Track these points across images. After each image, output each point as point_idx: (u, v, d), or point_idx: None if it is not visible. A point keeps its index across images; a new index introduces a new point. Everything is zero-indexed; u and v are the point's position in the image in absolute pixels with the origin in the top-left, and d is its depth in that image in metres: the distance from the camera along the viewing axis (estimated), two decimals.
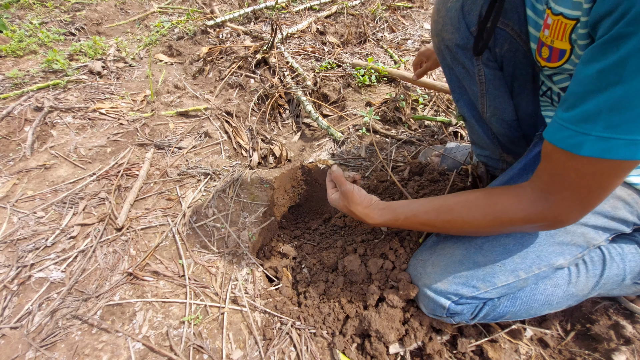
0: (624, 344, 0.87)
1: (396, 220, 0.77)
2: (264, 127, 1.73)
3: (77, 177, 1.28)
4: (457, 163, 1.27)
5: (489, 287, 0.74)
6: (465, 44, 0.80)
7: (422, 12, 2.64)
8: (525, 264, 0.73)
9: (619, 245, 0.81)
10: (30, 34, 2.09)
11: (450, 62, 0.87)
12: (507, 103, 0.87)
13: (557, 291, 0.78)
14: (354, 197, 0.81)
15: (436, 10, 0.84)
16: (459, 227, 0.71)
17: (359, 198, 0.81)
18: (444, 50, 0.86)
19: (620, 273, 0.79)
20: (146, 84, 1.81)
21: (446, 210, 0.71)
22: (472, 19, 0.76)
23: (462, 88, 0.93)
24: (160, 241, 1.09)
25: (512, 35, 0.75)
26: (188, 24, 2.24)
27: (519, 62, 0.79)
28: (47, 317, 0.91)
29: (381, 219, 0.79)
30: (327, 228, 1.27)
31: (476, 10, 0.75)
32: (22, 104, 1.57)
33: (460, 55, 0.83)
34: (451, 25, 0.79)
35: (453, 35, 0.80)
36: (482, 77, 0.83)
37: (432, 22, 0.86)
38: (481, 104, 0.90)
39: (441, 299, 0.77)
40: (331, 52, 2.11)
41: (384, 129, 1.58)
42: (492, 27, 0.73)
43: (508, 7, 0.72)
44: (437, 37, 0.86)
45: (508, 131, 0.92)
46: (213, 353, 0.86)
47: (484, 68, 0.82)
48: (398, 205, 0.79)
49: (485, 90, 0.86)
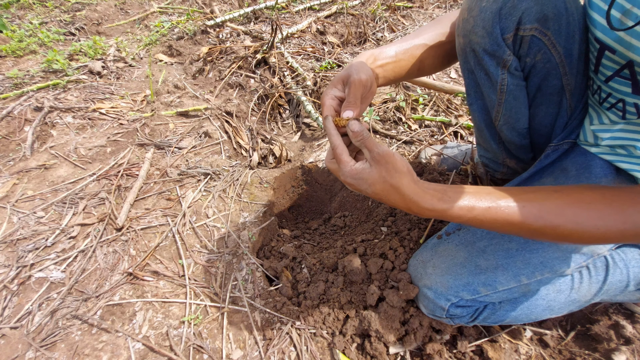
0: (624, 344, 0.87)
1: (470, 209, 0.57)
2: (264, 127, 1.73)
3: (77, 177, 1.28)
4: (457, 163, 1.27)
5: (490, 290, 0.74)
6: (494, 50, 0.73)
7: (422, 12, 2.64)
8: (527, 270, 0.72)
9: (622, 251, 0.80)
10: (30, 34, 2.09)
11: (472, 66, 0.80)
12: (522, 113, 0.82)
13: (559, 297, 0.77)
14: (398, 163, 0.56)
15: (467, 7, 0.74)
16: (566, 235, 0.56)
17: (404, 164, 0.57)
18: (469, 54, 0.78)
19: (623, 279, 0.77)
20: (146, 84, 1.81)
21: (554, 211, 0.55)
22: (509, 25, 0.68)
23: (478, 93, 0.88)
24: (160, 241, 1.09)
25: (548, 46, 0.69)
26: (188, 24, 2.24)
27: (548, 74, 0.74)
28: (47, 317, 0.91)
29: (441, 204, 0.58)
30: (327, 228, 1.27)
31: (516, 15, 0.67)
32: (22, 104, 1.57)
33: (486, 61, 0.76)
34: (483, 29, 0.71)
35: (483, 39, 0.72)
36: (503, 87, 0.78)
37: (460, 20, 0.76)
38: (496, 112, 0.85)
39: (441, 301, 0.77)
40: (331, 52, 2.11)
41: (384, 129, 1.58)
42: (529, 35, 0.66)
43: (550, 14, 0.65)
44: (463, 38, 0.77)
45: (517, 139, 0.89)
46: (213, 353, 0.86)
47: (508, 77, 0.76)
48: (467, 190, 0.60)
49: (503, 100, 0.81)
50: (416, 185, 0.58)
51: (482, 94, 0.86)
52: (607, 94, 0.69)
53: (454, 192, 0.60)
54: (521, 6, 0.67)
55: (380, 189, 0.58)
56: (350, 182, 0.60)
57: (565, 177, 0.79)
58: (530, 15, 0.67)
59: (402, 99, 1.67)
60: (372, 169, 0.58)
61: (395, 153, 0.58)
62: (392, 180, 0.56)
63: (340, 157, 0.60)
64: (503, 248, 0.75)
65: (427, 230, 0.99)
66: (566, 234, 0.55)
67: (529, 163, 0.98)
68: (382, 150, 0.57)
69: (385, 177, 0.56)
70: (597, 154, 0.78)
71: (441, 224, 1.02)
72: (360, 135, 0.59)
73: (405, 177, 0.57)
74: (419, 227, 1.02)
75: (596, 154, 0.78)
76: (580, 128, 0.82)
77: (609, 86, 0.66)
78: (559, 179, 0.80)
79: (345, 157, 0.60)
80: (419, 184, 0.59)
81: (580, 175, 0.76)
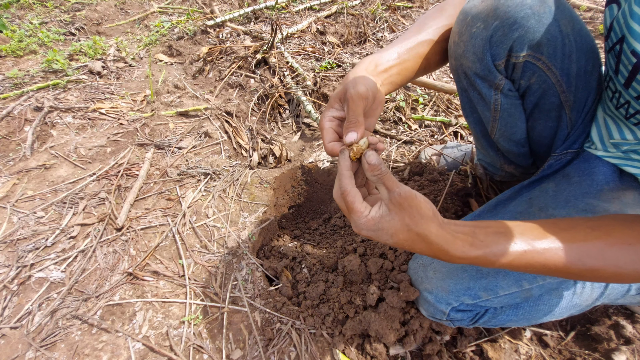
0: (624, 344, 0.87)
1: (504, 254, 0.52)
2: (264, 127, 1.73)
3: (77, 177, 1.29)
4: (456, 163, 1.27)
5: (491, 295, 0.73)
6: (485, 75, 0.72)
7: (422, 12, 2.64)
8: (529, 275, 0.71)
9: None
10: (30, 34, 2.09)
11: (465, 86, 0.80)
12: (518, 127, 0.81)
13: (561, 302, 0.77)
14: (423, 208, 0.49)
15: (457, 32, 0.72)
16: (605, 278, 0.53)
17: (429, 208, 0.50)
18: (461, 75, 0.78)
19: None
20: (146, 84, 1.81)
21: (595, 255, 0.51)
22: (500, 52, 0.68)
23: (473, 108, 0.87)
24: (160, 241, 1.09)
25: (542, 69, 0.68)
26: (188, 24, 2.24)
27: (544, 93, 0.73)
28: (47, 317, 0.91)
29: (474, 251, 0.52)
30: (327, 228, 1.27)
31: (507, 44, 0.66)
32: (22, 104, 1.57)
33: (478, 83, 0.75)
34: (473, 54, 0.70)
35: (474, 64, 0.72)
36: (497, 106, 0.77)
37: (452, 43, 0.75)
38: (491, 127, 0.85)
39: (442, 305, 0.76)
40: (331, 52, 2.11)
41: (384, 129, 1.58)
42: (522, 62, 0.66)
43: (544, 40, 0.65)
44: (455, 61, 0.76)
45: (515, 148, 0.89)
46: (213, 353, 0.86)
47: (502, 98, 0.75)
48: (498, 230, 0.54)
49: (498, 117, 0.80)
50: (444, 231, 0.51)
51: (476, 108, 0.86)
52: (636, 110, 0.63)
53: (484, 235, 0.53)
54: (512, 35, 0.65)
55: (404, 239, 0.50)
56: (367, 235, 0.52)
57: (567, 183, 0.78)
58: (522, 44, 0.66)
59: (402, 99, 1.67)
60: (392, 215, 0.49)
61: (418, 194, 0.50)
62: (418, 228, 0.49)
63: (353, 205, 0.51)
64: None
65: None
66: (605, 277, 0.52)
67: (529, 168, 0.97)
68: (403, 191, 0.49)
69: (410, 224, 0.49)
70: (605, 157, 0.76)
71: None
72: (377, 169, 0.50)
73: (432, 222, 0.50)
74: None
75: (603, 157, 0.76)
76: (583, 138, 0.81)
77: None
78: (561, 185, 0.79)
79: (358, 206, 0.51)
80: (446, 228, 0.51)
81: (583, 182, 0.75)
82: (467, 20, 0.70)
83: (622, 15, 0.59)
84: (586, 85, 0.73)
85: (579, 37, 0.67)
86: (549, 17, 0.64)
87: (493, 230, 0.54)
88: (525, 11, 0.64)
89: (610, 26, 0.64)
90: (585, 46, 0.69)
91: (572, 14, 0.67)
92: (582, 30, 0.68)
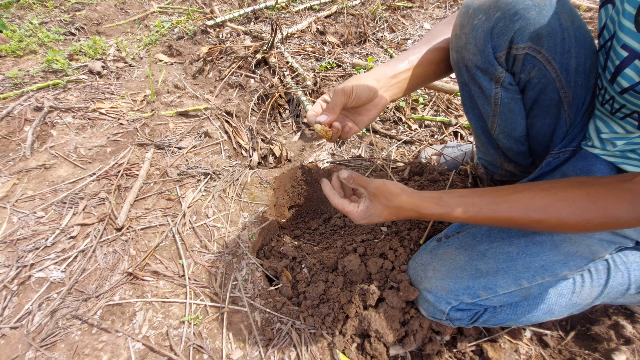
0: (624, 344, 0.87)
1: (464, 211, 0.64)
2: (264, 127, 1.73)
3: (77, 177, 1.28)
4: (456, 163, 1.27)
5: (491, 294, 0.73)
6: (486, 67, 0.73)
7: (422, 12, 2.64)
8: (528, 274, 0.72)
9: (624, 254, 0.79)
10: (30, 34, 2.09)
11: (466, 80, 0.81)
12: (518, 123, 0.82)
13: (561, 300, 0.77)
14: (391, 188, 0.67)
15: (459, 24, 0.73)
16: (550, 227, 0.63)
17: (396, 186, 0.67)
18: (462, 68, 0.79)
19: (624, 282, 0.77)
20: (146, 83, 1.81)
21: (539, 209, 0.61)
22: (501, 44, 0.69)
23: (473, 103, 0.88)
24: (160, 241, 1.09)
25: (543, 62, 0.69)
26: (188, 24, 2.24)
27: (544, 88, 0.74)
28: (47, 317, 0.91)
29: (439, 209, 0.65)
30: (327, 228, 1.27)
31: (508, 35, 0.67)
32: (22, 104, 1.57)
33: (479, 76, 0.76)
34: (474, 46, 0.71)
35: (475, 57, 0.73)
36: (497, 100, 0.78)
37: (453, 35, 0.76)
38: (491, 122, 0.85)
39: (441, 304, 0.76)
40: (331, 52, 2.11)
41: (384, 129, 1.58)
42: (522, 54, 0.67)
43: (544, 33, 0.66)
44: (456, 54, 0.77)
45: (514, 146, 0.89)
46: (213, 353, 0.86)
47: (502, 91, 0.76)
48: (461, 193, 0.67)
49: (498, 111, 0.81)
50: (413, 198, 0.66)
51: (476, 104, 0.86)
52: (620, 105, 0.69)
53: (449, 197, 0.66)
54: (514, 26, 0.66)
55: (389, 214, 0.68)
56: (364, 222, 0.71)
57: None
58: (523, 35, 0.66)
59: (402, 99, 1.67)
60: (373, 203, 0.69)
61: (385, 181, 0.68)
62: (394, 203, 0.67)
63: (345, 209, 0.71)
64: (503, 251, 0.74)
65: (427, 231, 0.99)
66: (550, 227, 0.62)
67: (528, 167, 0.97)
68: (374, 184, 0.68)
69: (387, 203, 0.67)
70: (602, 155, 0.77)
71: (441, 225, 1.02)
72: (351, 179, 0.71)
73: (401, 195, 0.67)
74: (418, 227, 1.02)
75: (600, 155, 0.77)
76: (581, 136, 0.81)
77: (624, 98, 0.65)
78: None
79: (349, 208, 0.71)
80: (415, 195, 0.67)
81: None
82: (469, 13, 0.71)
83: (615, 13, 0.62)
84: (585, 82, 0.73)
85: (579, 32, 0.68)
86: (550, 10, 0.65)
87: (457, 194, 0.67)
88: (526, 3, 0.65)
89: (604, 25, 0.67)
90: (585, 43, 0.69)
91: (572, 9, 0.68)
92: (581, 26, 0.69)
